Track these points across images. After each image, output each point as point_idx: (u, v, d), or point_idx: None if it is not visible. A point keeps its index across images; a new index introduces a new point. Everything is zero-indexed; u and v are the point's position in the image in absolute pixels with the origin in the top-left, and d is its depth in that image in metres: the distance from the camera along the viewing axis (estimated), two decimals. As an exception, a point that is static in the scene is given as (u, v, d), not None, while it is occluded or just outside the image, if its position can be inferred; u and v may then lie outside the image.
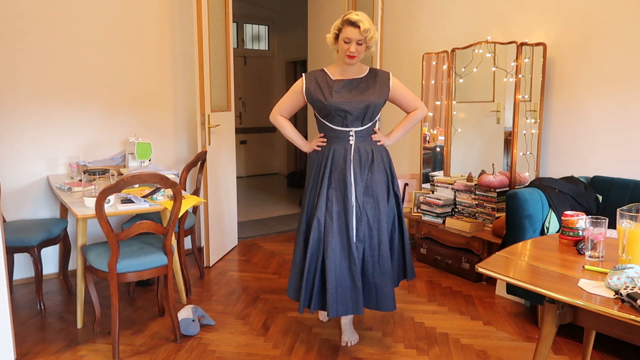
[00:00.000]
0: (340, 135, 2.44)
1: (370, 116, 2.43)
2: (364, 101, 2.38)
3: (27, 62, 3.39)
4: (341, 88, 2.41)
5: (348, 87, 2.42)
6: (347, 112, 2.37)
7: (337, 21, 2.37)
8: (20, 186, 3.46)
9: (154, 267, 2.56)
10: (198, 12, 3.52)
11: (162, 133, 4.00)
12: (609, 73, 3.06)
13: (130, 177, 2.33)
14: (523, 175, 3.47)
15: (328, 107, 2.38)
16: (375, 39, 2.37)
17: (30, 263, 3.44)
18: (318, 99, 2.41)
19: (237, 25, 7.96)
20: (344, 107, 2.37)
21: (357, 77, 2.46)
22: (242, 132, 8.03)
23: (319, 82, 2.46)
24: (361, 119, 2.41)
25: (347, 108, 2.37)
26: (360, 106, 2.38)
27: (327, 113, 2.41)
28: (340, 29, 2.34)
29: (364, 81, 2.46)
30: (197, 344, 2.63)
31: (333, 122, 2.43)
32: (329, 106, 2.38)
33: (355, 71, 2.47)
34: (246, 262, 3.99)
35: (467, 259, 3.52)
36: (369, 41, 2.34)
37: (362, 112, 2.39)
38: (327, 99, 2.38)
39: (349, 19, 2.30)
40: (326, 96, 2.39)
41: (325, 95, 2.40)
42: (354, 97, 2.39)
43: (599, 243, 1.79)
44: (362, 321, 2.90)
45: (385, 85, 2.48)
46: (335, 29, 2.37)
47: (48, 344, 2.62)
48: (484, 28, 3.76)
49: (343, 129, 2.42)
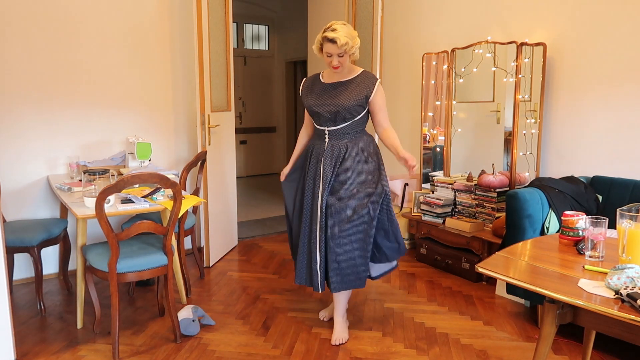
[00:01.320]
0: (318, 132, 2.66)
1: (343, 118, 2.55)
2: (335, 105, 2.54)
3: (27, 62, 3.39)
4: (321, 91, 2.61)
5: (327, 90, 2.60)
6: (320, 114, 2.57)
7: (319, 35, 2.48)
8: (20, 186, 3.46)
9: (154, 267, 2.56)
10: (198, 12, 3.52)
11: (162, 133, 4.00)
12: (609, 73, 3.06)
13: (130, 177, 2.33)
14: (523, 175, 3.47)
15: (307, 109, 2.66)
16: (355, 48, 2.48)
17: (30, 263, 3.44)
18: (305, 100, 2.67)
19: (237, 25, 7.96)
20: (316, 109, 2.58)
21: (343, 79, 2.59)
22: (242, 132, 8.03)
23: (310, 85, 2.69)
24: (333, 120, 2.56)
25: (319, 110, 2.57)
26: (330, 109, 2.55)
27: (310, 113, 2.66)
28: (322, 43, 2.47)
29: (346, 84, 2.57)
30: (197, 344, 2.63)
31: (314, 121, 2.66)
32: (307, 108, 2.65)
33: (343, 74, 2.59)
34: (246, 262, 3.99)
35: (467, 259, 3.52)
36: (349, 51, 2.46)
37: (333, 115, 2.54)
38: (307, 101, 2.64)
39: (326, 36, 2.41)
40: (308, 98, 2.65)
41: (309, 97, 2.65)
42: (326, 101, 2.56)
43: (599, 243, 1.79)
44: (362, 321, 2.90)
45: (368, 89, 2.54)
46: (317, 42, 2.49)
47: (48, 344, 2.62)
48: (484, 28, 3.76)
49: (319, 128, 2.64)
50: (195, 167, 3.44)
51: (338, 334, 2.66)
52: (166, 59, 3.95)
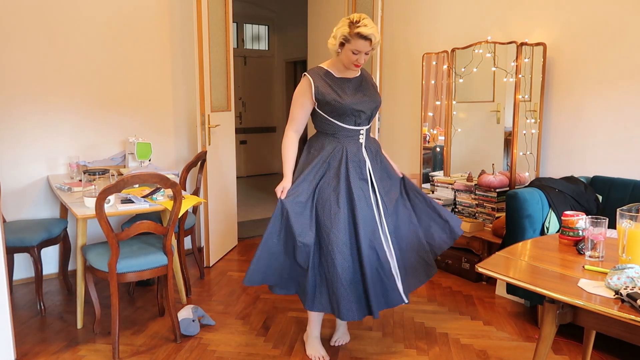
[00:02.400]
0: (351, 134, 2.38)
1: (374, 115, 2.48)
2: (374, 101, 2.42)
3: (27, 62, 3.39)
4: (349, 88, 2.37)
5: (355, 87, 2.40)
6: (362, 111, 2.34)
7: (344, 29, 2.22)
8: (20, 186, 3.46)
9: (154, 267, 2.56)
10: (198, 12, 3.52)
11: (162, 133, 4.00)
12: (609, 73, 3.06)
13: (130, 177, 2.33)
14: (523, 175, 3.47)
15: (344, 107, 2.30)
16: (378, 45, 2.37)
17: (30, 263, 3.44)
18: (333, 98, 2.30)
19: (237, 25, 7.96)
20: (359, 107, 2.33)
21: (355, 76, 2.45)
22: (242, 132, 8.02)
23: (326, 80, 2.35)
24: (369, 118, 2.43)
25: (362, 108, 2.34)
26: (372, 106, 2.40)
27: (341, 113, 2.32)
28: (348, 39, 2.21)
29: (362, 81, 2.46)
30: (197, 344, 2.63)
31: (346, 121, 2.35)
32: (345, 106, 2.30)
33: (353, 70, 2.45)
34: (246, 262, 3.98)
35: (467, 259, 3.52)
36: (375, 47, 2.29)
37: (373, 112, 2.42)
38: (344, 98, 2.31)
39: (360, 33, 2.17)
40: (342, 96, 2.31)
41: (340, 94, 2.32)
42: (365, 97, 2.37)
43: (599, 243, 1.79)
44: (362, 321, 2.90)
45: (375, 87, 2.53)
46: (342, 37, 2.23)
47: (48, 344, 2.62)
48: (484, 28, 3.76)
49: (355, 128, 2.37)
50: (195, 167, 3.44)
51: (339, 335, 2.65)
52: (166, 59, 3.95)
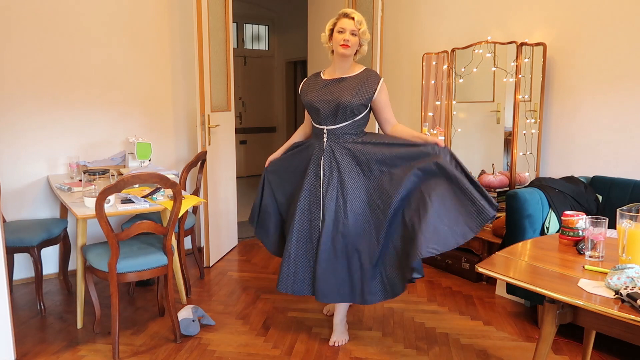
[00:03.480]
0: (316, 132, 2.56)
1: (344, 116, 2.44)
2: (335, 100, 2.43)
3: (27, 61, 3.39)
4: (322, 86, 2.53)
5: (329, 86, 2.50)
6: (318, 109, 2.48)
7: (330, 21, 2.52)
8: (20, 186, 3.46)
9: (154, 267, 2.56)
10: (198, 12, 3.52)
11: (162, 133, 4.00)
12: (608, 73, 3.06)
13: (130, 177, 2.33)
14: (523, 175, 3.47)
15: (305, 104, 2.55)
16: (367, 36, 2.49)
17: (30, 263, 3.44)
18: (304, 95, 2.58)
19: (237, 25, 7.96)
20: (315, 104, 2.49)
21: (345, 76, 2.50)
22: (242, 132, 8.02)
23: (310, 82, 2.61)
24: (334, 117, 2.45)
25: (318, 106, 2.48)
26: (331, 105, 2.43)
27: (308, 109, 2.56)
28: (335, 23, 2.48)
29: (349, 80, 2.49)
30: (197, 344, 2.63)
31: (313, 119, 2.56)
32: (305, 103, 2.55)
33: (345, 70, 2.52)
34: (246, 262, 3.98)
35: (467, 259, 3.52)
36: (362, 35, 2.46)
37: (333, 111, 2.44)
38: (306, 97, 2.54)
39: (343, 12, 2.47)
40: (307, 94, 2.55)
41: (308, 93, 2.55)
42: (327, 96, 2.47)
43: (599, 243, 1.79)
44: (362, 321, 2.90)
45: (371, 87, 2.47)
46: (330, 25, 2.50)
47: (48, 344, 2.62)
48: (484, 28, 3.76)
49: (318, 127, 2.54)
50: (195, 167, 3.44)
51: (336, 336, 2.64)
52: (166, 59, 3.95)
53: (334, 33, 2.47)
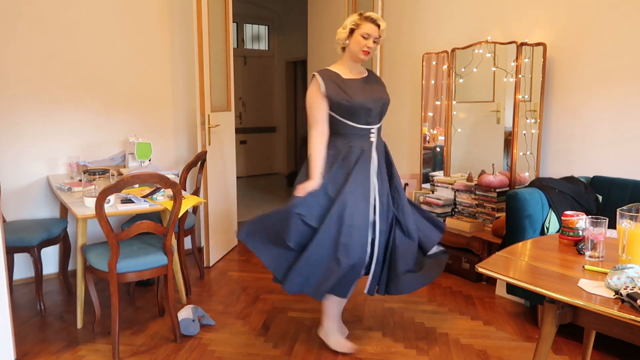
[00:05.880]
0: (362, 133, 2.42)
1: (384, 113, 2.51)
2: (382, 98, 2.47)
3: (27, 61, 3.39)
4: (358, 87, 2.44)
5: (363, 86, 2.46)
6: (370, 109, 2.39)
7: (354, 17, 2.40)
8: (20, 186, 3.46)
9: (154, 267, 2.56)
10: (198, 12, 3.52)
11: (162, 133, 4.00)
12: (609, 73, 3.06)
13: (130, 177, 2.33)
14: (523, 175, 3.47)
15: (354, 107, 2.35)
16: None
17: (30, 263, 3.44)
18: (343, 98, 2.35)
19: (237, 25, 7.96)
20: (367, 105, 2.38)
21: (362, 76, 2.52)
22: (242, 132, 8.02)
23: (335, 81, 2.41)
24: (379, 116, 2.47)
25: (370, 106, 2.39)
26: (379, 103, 2.45)
27: (351, 112, 2.37)
28: (358, 24, 2.37)
29: (370, 81, 2.52)
30: (197, 344, 2.63)
31: (357, 121, 2.39)
32: (355, 105, 2.35)
33: (359, 70, 2.53)
34: (246, 262, 3.99)
35: (467, 259, 3.52)
36: (379, 42, 2.44)
37: (381, 110, 2.47)
38: (353, 97, 2.36)
39: (369, 16, 2.37)
40: (351, 95, 2.36)
41: (350, 94, 2.37)
42: (373, 95, 2.44)
43: (599, 243, 1.79)
44: (362, 321, 2.90)
45: (383, 85, 2.58)
46: (352, 24, 2.38)
47: (48, 344, 2.62)
48: (484, 28, 3.76)
49: (365, 127, 2.42)
50: (195, 167, 3.44)
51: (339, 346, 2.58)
52: (166, 59, 3.95)
53: (356, 35, 2.37)
